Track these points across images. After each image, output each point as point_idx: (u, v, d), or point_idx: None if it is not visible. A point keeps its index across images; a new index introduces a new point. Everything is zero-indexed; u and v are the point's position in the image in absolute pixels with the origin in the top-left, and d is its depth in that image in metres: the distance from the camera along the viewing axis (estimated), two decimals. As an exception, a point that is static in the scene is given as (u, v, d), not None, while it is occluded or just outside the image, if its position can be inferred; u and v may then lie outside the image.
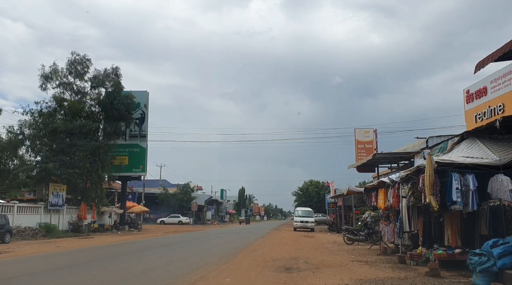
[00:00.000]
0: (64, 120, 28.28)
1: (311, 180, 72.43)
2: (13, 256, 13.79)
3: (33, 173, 27.62)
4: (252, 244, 19.65)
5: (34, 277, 9.26)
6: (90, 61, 31.12)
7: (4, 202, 22.79)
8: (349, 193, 24.93)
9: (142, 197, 49.86)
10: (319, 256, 13.87)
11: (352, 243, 19.43)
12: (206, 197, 66.96)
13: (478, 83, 13.67)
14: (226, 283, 8.48)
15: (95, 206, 30.16)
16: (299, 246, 18.73)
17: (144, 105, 35.11)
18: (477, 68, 9.99)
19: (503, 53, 9.02)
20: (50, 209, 25.29)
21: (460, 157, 9.80)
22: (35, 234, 22.42)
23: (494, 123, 9.86)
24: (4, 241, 18.64)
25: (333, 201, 38.53)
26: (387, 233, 14.30)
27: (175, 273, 9.58)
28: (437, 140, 14.99)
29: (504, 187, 8.84)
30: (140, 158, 34.63)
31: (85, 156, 28.10)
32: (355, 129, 35.07)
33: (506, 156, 9.45)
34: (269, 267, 10.85)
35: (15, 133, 27.61)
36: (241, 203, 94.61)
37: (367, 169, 23.41)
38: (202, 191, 73.27)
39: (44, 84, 29.33)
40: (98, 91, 32.04)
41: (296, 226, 36.56)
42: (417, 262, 10.81)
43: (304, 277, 9.17)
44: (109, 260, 12.93)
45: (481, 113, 13.23)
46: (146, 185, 50.82)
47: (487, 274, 7.55)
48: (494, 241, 7.84)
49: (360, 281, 8.59)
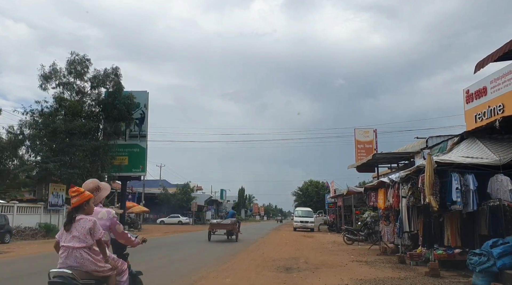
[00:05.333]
0: (64, 120, 28.26)
1: (311, 180, 72.41)
2: (13, 256, 13.80)
3: (33, 173, 27.62)
4: (252, 244, 19.65)
5: (34, 277, 9.27)
6: (90, 61, 31.11)
7: (4, 202, 22.79)
8: (349, 193, 24.98)
9: (142, 197, 49.85)
10: (319, 256, 13.87)
11: (352, 243, 19.43)
12: (206, 197, 66.98)
13: (478, 83, 13.69)
14: (226, 283, 8.48)
15: (95, 206, 30.12)
16: (299, 246, 18.73)
17: (144, 105, 35.09)
18: (477, 68, 9.98)
19: (503, 53, 9.01)
20: (50, 209, 25.29)
21: (460, 157, 9.80)
22: (35, 234, 22.43)
23: (493, 123, 9.85)
24: (4, 241, 18.63)
25: (333, 201, 38.54)
26: (387, 233, 14.29)
27: (175, 273, 9.58)
28: (437, 140, 14.98)
29: (504, 187, 8.83)
30: (140, 158, 34.61)
31: (85, 156, 28.07)
32: (355, 129, 35.06)
33: (506, 155, 9.44)
34: (269, 267, 10.85)
35: (15, 134, 27.60)
36: (241, 203, 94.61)
37: (367, 169, 23.39)
38: (202, 191, 73.28)
39: (44, 84, 29.33)
40: (98, 91, 32.01)
41: (296, 226, 36.58)
42: (417, 262, 10.81)
43: (304, 277, 9.17)
44: (109, 260, 12.92)
45: (481, 113, 13.25)
46: (146, 185, 50.80)
47: (487, 274, 7.55)
48: (494, 241, 7.83)
49: (360, 281, 8.59)
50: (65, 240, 3.63)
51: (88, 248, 3.61)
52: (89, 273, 3.58)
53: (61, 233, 3.74)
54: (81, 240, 3.58)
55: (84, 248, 3.58)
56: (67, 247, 3.60)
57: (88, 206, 3.74)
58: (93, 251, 3.63)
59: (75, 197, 3.70)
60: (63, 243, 3.64)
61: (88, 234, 3.60)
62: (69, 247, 3.58)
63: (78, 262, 3.55)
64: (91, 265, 3.58)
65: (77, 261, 3.55)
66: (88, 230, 3.61)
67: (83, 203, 3.71)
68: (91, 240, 3.62)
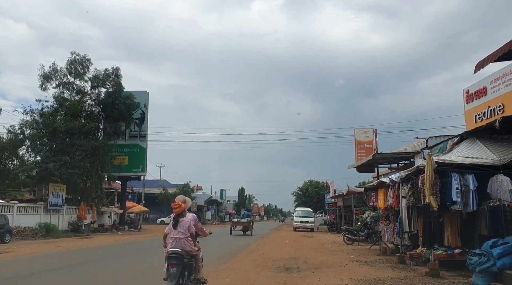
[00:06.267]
0: (64, 120, 28.26)
1: (311, 180, 72.37)
2: (13, 256, 13.79)
3: (33, 173, 27.62)
4: (252, 244, 19.64)
5: (34, 277, 9.27)
6: (90, 61, 31.16)
7: (4, 202, 22.78)
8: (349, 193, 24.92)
9: (142, 197, 49.83)
10: (319, 256, 13.86)
11: (352, 243, 19.42)
12: (206, 197, 66.93)
13: (478, 83, 13.68)
14: (226, 283, 8.48)
15: (94, 206, 30.14)
16: (299, 246, 18.72)
17: (144, 105, 35.11)
18: (477, 68, 9.96)
19: (503, 53, 8.99)
20: (50, 209, 25.29)
21: (460, 157, 9.78)
22: (35, 234, 22.42)
23: (493, 123, 9.84)
24: (4, 241, 18.63)
25: (333, 201, 38.52)
26: (387, 233, 14.28)
27: (175, 273, 9.57)
28: (437, 140, 14.97)
29: (504, 187, 8.82)
30: (140, 158, 34.63)
31: (85, 156, 28.07)
32: (355, 129, 35.02)
33: (505, 156, 9.43)
34: (269, 267, 10.85)
35: (15, 133, 27.59)
36: (241, 203, 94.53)
37: (367, 169, 23.37)
38: (202, 191, 73.22)
39: (44, 84, 29.35)
40: (98, 91, 32.05)
41: (296, 226, 36.56)
42: (417, 262, 10.80)
43: (304, 277, 9.17)
44: (109, 260, 12.92)
45: (481, 114, 13.25)
46: (146, 185, 50.76)
47: (487, 274, 7.54)
48: (494, 241, 7.83)
49: (360, 281, 8.59)
50: (173, 233, 6.40)
51: (187, 238, 6.40)
52: (187, 252, 6.40)
53: (169, 229, 6.49)
54: (183, 233, 6.38)
55: (185, 238, 6.39)
56: (175, 237, 6.37)
57: (184, 212, 6.52)
58: (189, 240, 6.43)
59: (176, 208, 6.44)
60: (172, 235, 6.41)
61: (186, 230, 6.41)
62: (176, 238, 6.36)
63: (182, 246, 6.34)
64: (188, 247, 6.41)
65: (181, 245, 6.35)
66: (187, 227, 6.42)
67: (182, 212, 6.48)
68: (188, 233, 6.42)
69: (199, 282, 6.82)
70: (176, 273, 6.30)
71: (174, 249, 6.30)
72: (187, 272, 6.61)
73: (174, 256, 6.29)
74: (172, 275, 6.28)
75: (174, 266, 6.31)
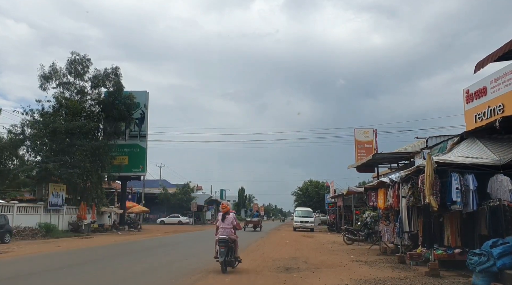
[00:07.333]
0: (64, 120, 28.24)
1: (311, 180, 72.31)
2: (13, 256, 13.78)
3: (33, 173, 27.58)
4: (252, 244, 19.63)
5: (34, 277, 9.26)
6: (90, 61, 31.13)
7: (4, 202, 22.77)
8: (349, 193, 24.94)
9: (142, 197, 49.83)
10: (318, 256, 13.86)
11: (352, 243, 19.42)
12: (205, 197, 66.89)
13: (478, 83, 13.69)
14: (226, 283, 8.48)
15: (94, 206, 30.13)
16: (299, 246, 18.73)
17: (144, 105, 35.11)
18: (477, 68, 9.97)
19: (503, 53, 9.00)
20: (50, 209, 25.27)
21: (460, 157, 9.78)
22: (35, 234, 22.41)
23: (493, 123, 9.84)
24: (4, 241, 18.62)
25: (333, 201, 38.52)
26: (387, 233, 14.28)
27: (175, 273, 9.58)
28: (437, 140, 14.98)
29: (504, 187, 8.82)
30: (140, 158, 34.62)
31: (85, 156, 28.06)
32: (355, 129, 35.06)
33: (505, 156, 9.43)
34: (269, 267, 10.85)
35: (15, 133, 27.59)
36: (241, 203, 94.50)
37: (367, 169, 23.39)
38: (202, 191, 73.22)
39: (44, 84, 29.32)
40: (98, 91, 32.02)
41: (296, 226, 36.55)
42: (417, 262, 10.80)
43: (304, 277, 9.17)
44: (109, 260, 12.92)
45: (481, 113, 13.25)
46: (146, 185, 50.76)
47: (487, 274, 7.54)
48: (494, 241, 7.82)
49: (360, 281, 8.59)
50: (222, 225, 9.74)
51: (230, 228, 9.74)
52: (230, 238, 9.63)
53: (219, 223, 9.87)
54: (228, 225, 9.76)
55: (229, 228, 9.73)
56: (224, 227, 9.71)
57: (229, 212, 10.07)
58: (231, 230, 9.77)
59: (224, 208, 10.05)
60: (221, 226, 9.73)
61: (231, 223, 9.79)
62: (225, 228, 9.71)
63: (227, 234, 9.63)
64: (231, 235, 9.70)
65: (227, 233, 9.63)
66: (231, 221, 9.82)
67: (228, 210, 10.06)
68: (231, 225, 9.79)
69: (237, 259, 10.00)
70: (224, 252, 9.37)
71: (222, 236, 9.47)
72: (230, 252, 9.60)
73: (223, 240, 9.43)
74: (221, 253, 9.37)
75: (222, 247, 9.39)
